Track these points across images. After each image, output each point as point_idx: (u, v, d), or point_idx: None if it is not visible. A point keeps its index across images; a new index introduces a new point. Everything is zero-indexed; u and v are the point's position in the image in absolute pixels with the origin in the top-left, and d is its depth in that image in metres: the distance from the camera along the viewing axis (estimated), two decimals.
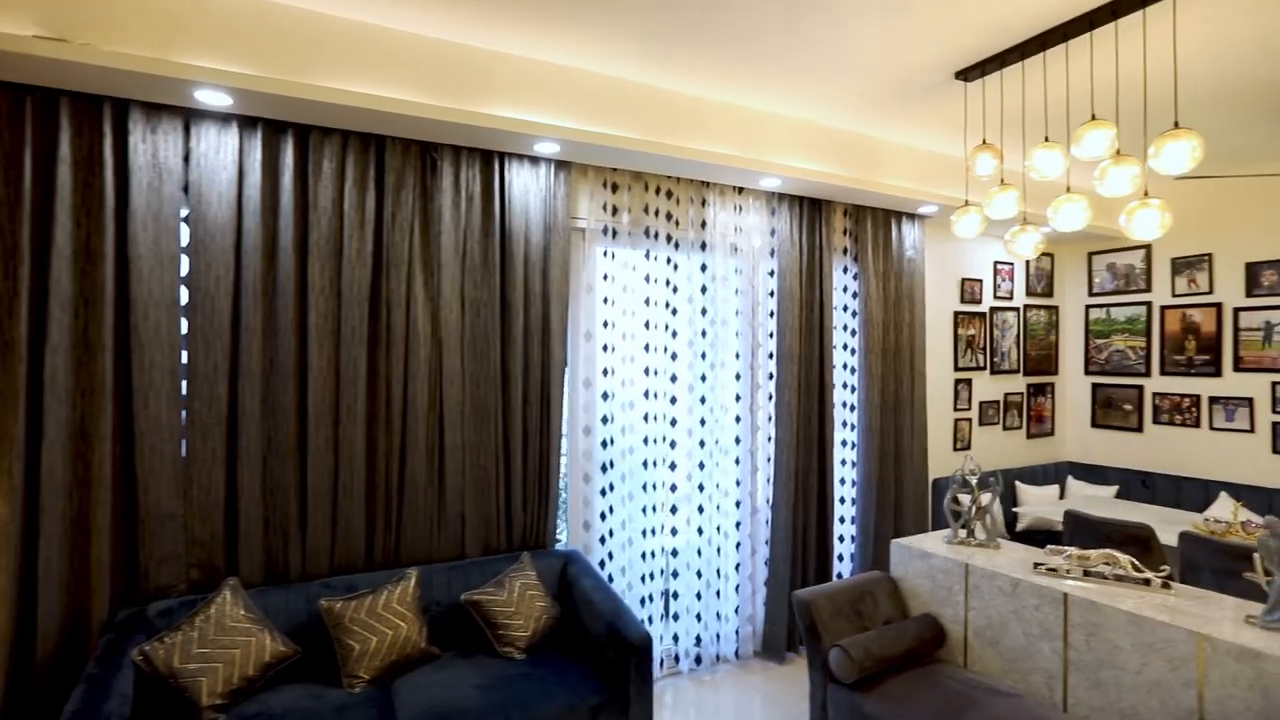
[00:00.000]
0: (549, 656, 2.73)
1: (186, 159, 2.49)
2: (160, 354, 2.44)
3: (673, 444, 3.55)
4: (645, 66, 2.92)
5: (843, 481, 4.11)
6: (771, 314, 3.81)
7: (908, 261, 4.26)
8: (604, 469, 3.33)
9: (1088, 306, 5.25)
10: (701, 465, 3.59)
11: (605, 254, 3.34)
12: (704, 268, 3.60)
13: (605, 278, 3.34)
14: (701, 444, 3.59)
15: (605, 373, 3.32)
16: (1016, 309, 5.05)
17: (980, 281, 4.81)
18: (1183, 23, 2.53)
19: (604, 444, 3.32)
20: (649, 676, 2.50)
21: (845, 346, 4.13)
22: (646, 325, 3.42)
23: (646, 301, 3.42)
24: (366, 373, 2.80)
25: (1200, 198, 4.56)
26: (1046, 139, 2.63)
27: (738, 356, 3.73)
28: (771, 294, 3.81)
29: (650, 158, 3.13)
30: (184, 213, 2.52)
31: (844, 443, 4.12)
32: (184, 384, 2.51)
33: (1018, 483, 4.90)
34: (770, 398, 3.80)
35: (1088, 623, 2.32)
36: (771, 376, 3.80)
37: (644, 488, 3.42)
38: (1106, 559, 2.50)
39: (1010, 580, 2.56)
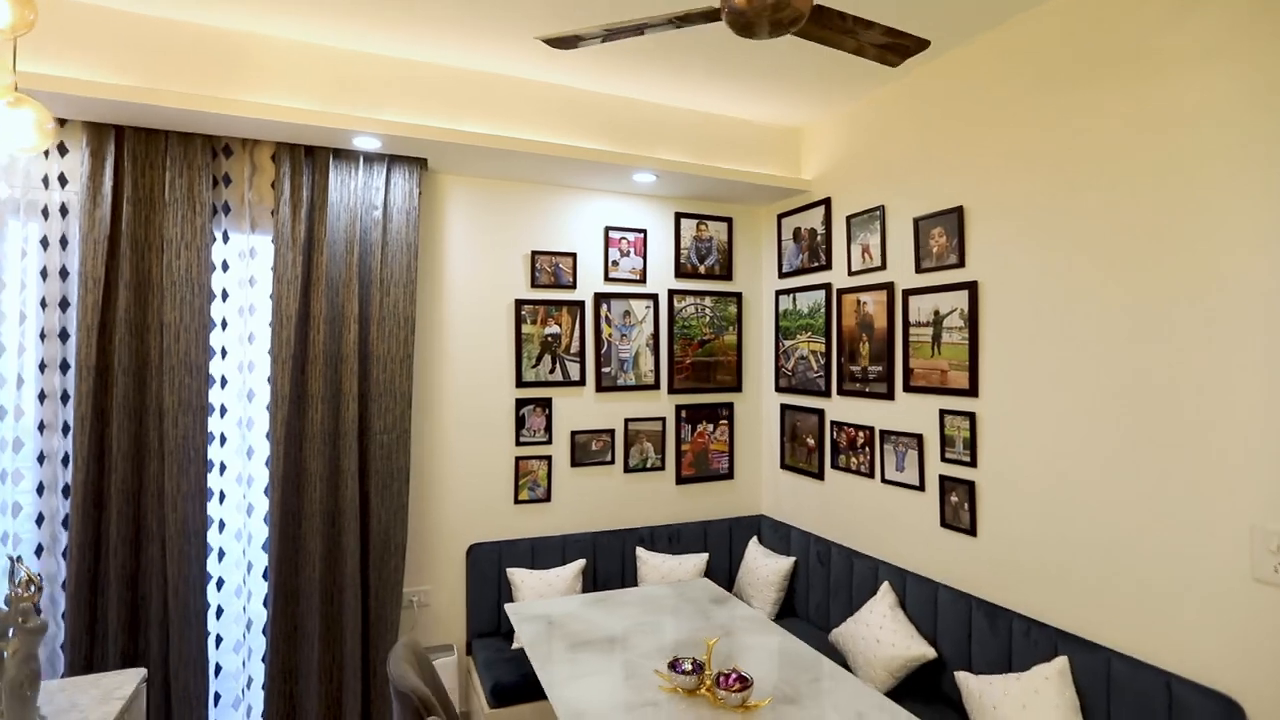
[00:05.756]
0: None
1: None
2: None
3: None
4: None
5: (239, 567, 2.66)
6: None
7: (373, 223, 2.77)
8: None
9: (778, 293, 3.64)
10: None
11: None
12: None
13: None
14: None
15: None
16: (651, 296, 3.48)
17: (572, 256, 3.27)
18: None
19: None
20: None
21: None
22: None
23: None
24: None
25: (871, 121, 2.93)
26: None
27: None
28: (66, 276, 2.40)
29: None
30: None
31: (245, 505, 2.67)
32: None
33: (639, 549, 3.36)
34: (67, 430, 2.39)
35: None
36: (67, 398, 2.39)
37: None
38: None
39: None
